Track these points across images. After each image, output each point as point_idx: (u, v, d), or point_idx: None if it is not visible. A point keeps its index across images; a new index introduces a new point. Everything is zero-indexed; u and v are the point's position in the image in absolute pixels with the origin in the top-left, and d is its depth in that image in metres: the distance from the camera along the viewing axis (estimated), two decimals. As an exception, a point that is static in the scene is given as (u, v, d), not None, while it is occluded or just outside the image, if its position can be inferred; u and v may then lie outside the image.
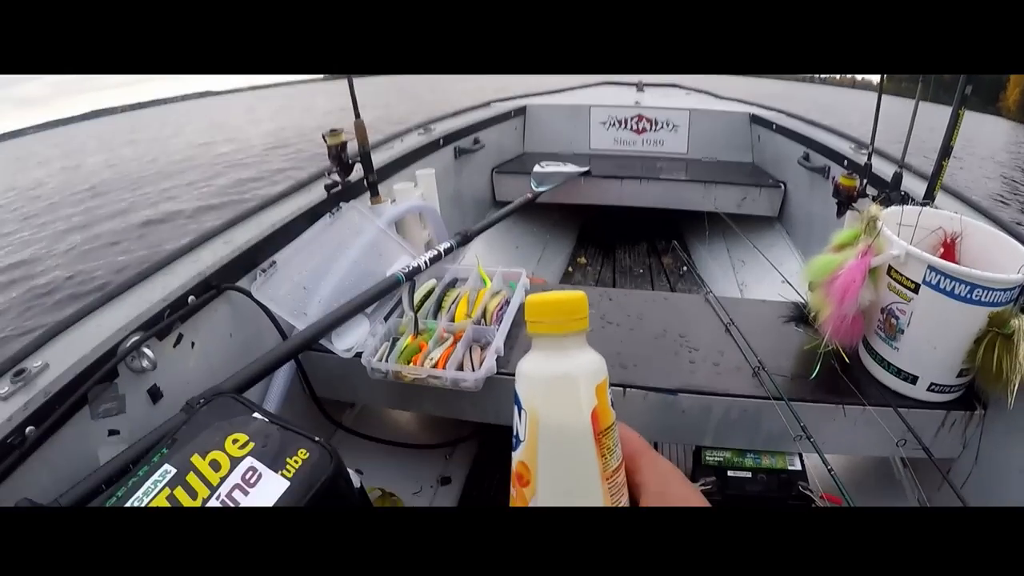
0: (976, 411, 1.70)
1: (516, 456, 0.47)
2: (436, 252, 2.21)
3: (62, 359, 1.39)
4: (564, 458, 0.46)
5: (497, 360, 1.81)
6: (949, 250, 1.73)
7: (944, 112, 1.89)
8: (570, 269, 4.28)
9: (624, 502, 0.48)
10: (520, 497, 0.47)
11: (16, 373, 1.31)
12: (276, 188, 2.40)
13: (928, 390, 1.69)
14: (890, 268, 1.67)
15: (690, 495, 0.49)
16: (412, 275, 2.08)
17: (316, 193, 2.42)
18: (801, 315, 2.06)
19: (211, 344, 1.79)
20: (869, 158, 2.57)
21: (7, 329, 6.37)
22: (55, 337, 1.48)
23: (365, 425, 2.33)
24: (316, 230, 2.15)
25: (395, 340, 1.93)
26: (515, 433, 0.48)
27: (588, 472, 0.46)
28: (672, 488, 0.50)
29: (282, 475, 1.05)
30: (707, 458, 1.86)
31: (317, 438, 1.13)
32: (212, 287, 1.79)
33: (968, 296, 1.51)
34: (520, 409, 0.47)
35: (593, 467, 0.45)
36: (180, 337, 1.69)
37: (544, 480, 0.46)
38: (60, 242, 9.21)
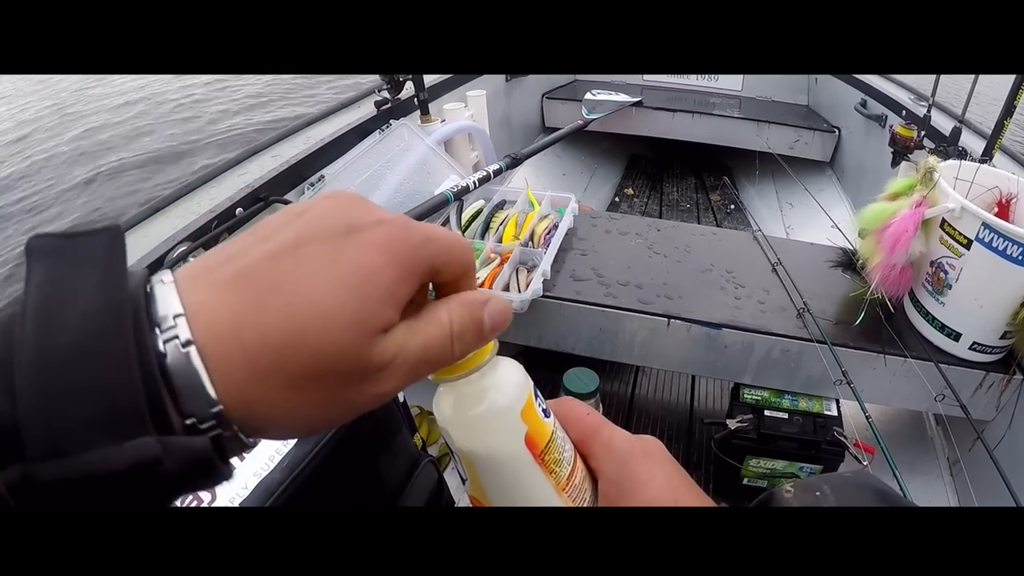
0: (1015, 376, 1.69)
1: (466, 489, 0.46)
2: (485, 173, 2.20)
3: None
4: (512, 490, 0.43)
5: (543, 283, 1.82)
6: (1003, 210, 1.69)
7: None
8: (616, 199, 4.23)
9: (588, 499, 0.46)
10: None
11: None
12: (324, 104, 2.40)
13: (970, 349, 1.68)
14: (943, 222, 1.64)
15: (650, 476, 0.45)
16: (461, 195, 2.07)
17: (366, 109, 2.41)
18: (849, 261, 2.04)
19: None
20: (929, 110, 2.51)
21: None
22: None
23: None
24: (365, 146, 2.16)
25: (441, 260, 1.93)
26: (457, 469, 0.45)
27: (541, 493, 0.43)
28: (628, 470, 0.45)
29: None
30: (745, 396, 1.86)
31: None
32: (260, 199, 1.80)
33: (1020, 258, 1.48)
34: (451, 451, 0.44)
35: (544, 487, 0.43)
36: None
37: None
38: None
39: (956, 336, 1.68)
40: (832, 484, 0.45)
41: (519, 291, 1.79)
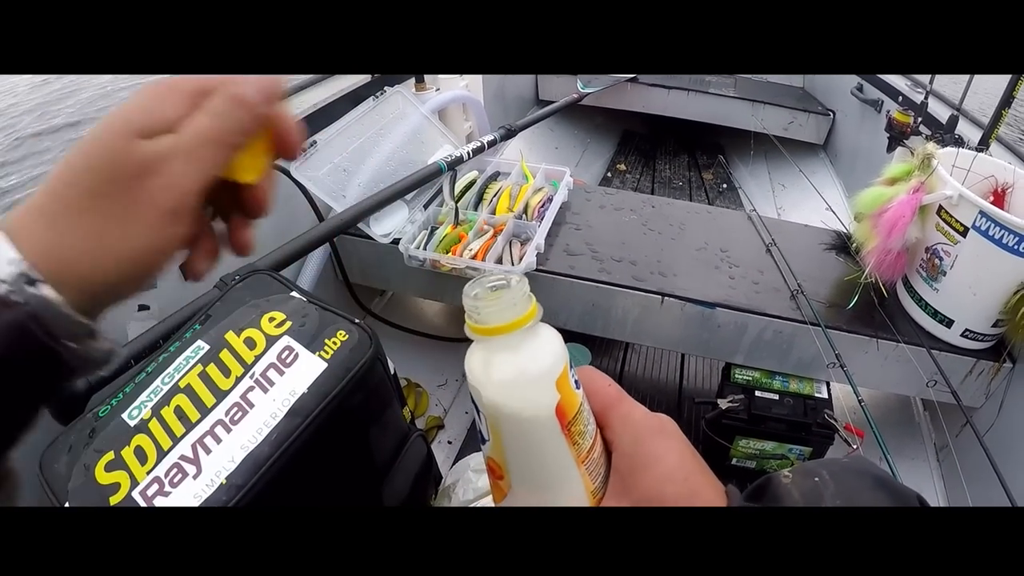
0: (1004, 364, 1.70)
1: (484, 452, 0.45)
2: (479, 143, 2.17)
3: None
4: (534, 456, 0.43)
5: (537, 257, 1.81)
6: (999, 199, 1.69)
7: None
8: (609, 175, 4.20)
9: (603, 474, 0.46)
10: (497, 487, 0.46)
11: None
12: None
13: (962, 335, 1.69)
14: (940, 208, 1.64)
15: (664, 453, 0.45)
16: (454, 165, 2.05)
17: (360, 75, 2.38)
18: (843, 244, 2.04)
19: None
20: (926, 97, 2.51)
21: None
22: None
23: (393, 314, 2.34)
24: (359, 112, 2.12)
25: (434, 229, 1.93)
26: (479, 429, 0.45)
27: (561, 463, 0.43)
28: (643, 446, 0.45)
29: (320, 356, 1.05)
30: (736, 376, 1.86)
31: (357, 320, 1.12)
32: None
33: (1015, 247, 1.49)
34: (477, 410, 0.43)
35: (566, 457, 0.43)
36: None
37: (517, 476, 0.44)
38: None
39: (948, 323, 1.68)
40: (831, 470, 0.44)
41: (512, 264, 1.78)
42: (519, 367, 0.41)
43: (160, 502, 0.91)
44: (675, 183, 4.20)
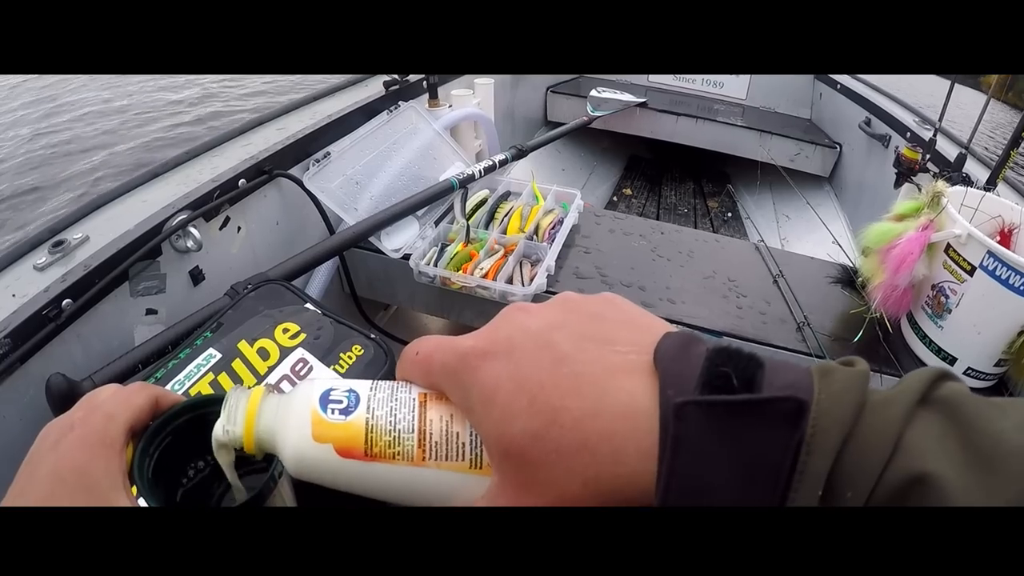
0: None
1: None
2: (491, 163, 2.19)
3: (104, 233, 1.37)
4: (381, 491, 0.39)
5: (547, 279, 1.80)
6: (1005, 239, 1.70)
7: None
8: (614, 199, 4.21)
9: (468, 443, 0.38)
10: None
11: (55, 244, 1.28)
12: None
13: (964, 374, 1.68)
14: (948, 247, 1.64)
15: (494, 383, 0.35)
16: (466, 183, 2.06)
17: (374, 88, 2.39)
18: (849, 278, 2.04)
19: (257, 231, 1.77)
20: (935, 135, 2.51)
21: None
22: (97, 210, 1.45)
23: (396, 328, 2.33)
24: (372, 125, 2.13)
25: (444, 246, 1.93)
26: None
27: (403, 481, 0.38)
28: (470, 391, 0.36)
29: (335, 370, 1.04)
30: (739, 406, 1.86)
31: (373, 335, 1.10)
32: (264, 172, 1.76)
33: (1022, 288, 1.49)
34: None
35: (395, 474, 0.38)
36: (227, 220, 1.66)
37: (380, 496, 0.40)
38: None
39: (952, 360, 1.69)
40: None
41: (523, 285, 1.78)
42: (286, 456, 0.39)
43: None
44: (680, 210, 4.22)
